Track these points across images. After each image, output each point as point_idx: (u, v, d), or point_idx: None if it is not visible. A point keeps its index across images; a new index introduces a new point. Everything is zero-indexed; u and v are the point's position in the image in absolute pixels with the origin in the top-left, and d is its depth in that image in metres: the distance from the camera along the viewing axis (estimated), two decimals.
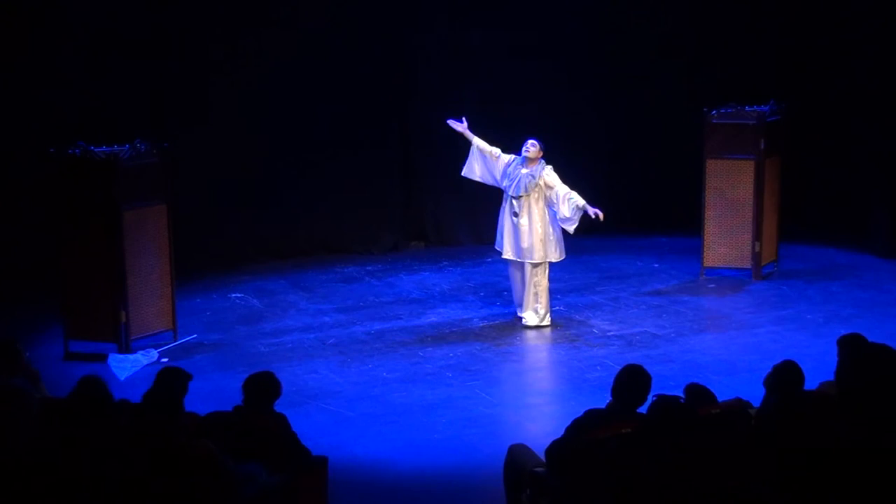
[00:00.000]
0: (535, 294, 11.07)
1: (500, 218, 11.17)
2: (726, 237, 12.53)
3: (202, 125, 12.99)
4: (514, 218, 10.95)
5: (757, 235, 12.44)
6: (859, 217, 13.94)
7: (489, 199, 14.31)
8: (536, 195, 10.89)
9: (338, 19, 13.72)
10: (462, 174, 11.38)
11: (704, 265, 12.67)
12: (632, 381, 6.17)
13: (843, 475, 5.27)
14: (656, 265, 13.36)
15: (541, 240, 10.93)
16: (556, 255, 11.06)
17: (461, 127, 11.23)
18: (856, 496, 5.23)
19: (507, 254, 11.08)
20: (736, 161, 12.42)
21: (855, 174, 14.12)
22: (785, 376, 6.24)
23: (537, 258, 10.96)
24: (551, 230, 10.98)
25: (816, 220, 14.29)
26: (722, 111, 12.45)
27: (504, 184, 11.04)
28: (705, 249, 12.63)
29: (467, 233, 14.69)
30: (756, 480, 5.42)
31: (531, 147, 10.87)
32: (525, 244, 10.93)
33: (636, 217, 14.89)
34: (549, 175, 10.87)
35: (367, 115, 13.98)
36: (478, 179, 11.32)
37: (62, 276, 10.39)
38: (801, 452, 5.45)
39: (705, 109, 12.46)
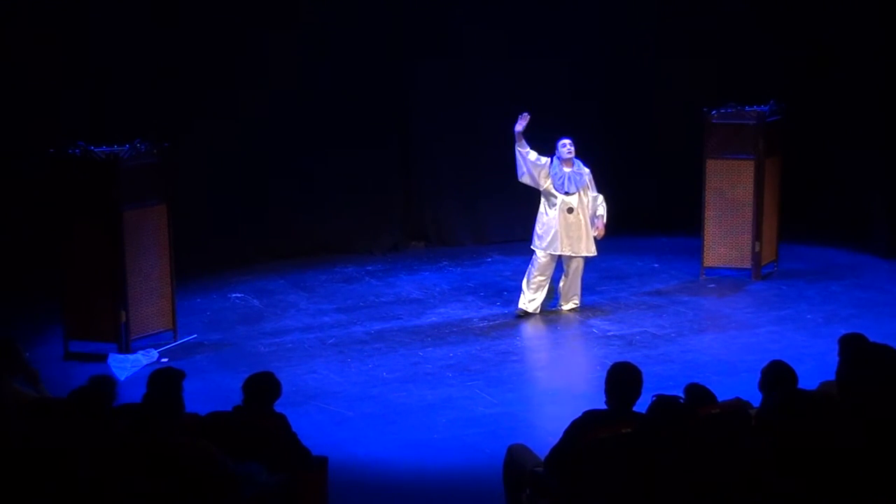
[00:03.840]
0: (576, 284, 11.48)
1: (546, 220, 11.25)
2: (726, 237, 12.53)
3: (202, 125, 12.99)
4: (569, 214, 11.16)
5: (757, 235, 12.44)
6: (859, 217, 13.94)
7: (489, 200, 14.41)
8: (583, 191, 11.23)
9: (338, 19, 13.72)
10: (519, 179, 11.39)
11: (704, 265, 12.66)
12: (621, 379, 6.17)
13: (844, 475, 5.27)
14: (656, 265, 13.36)
15: (588, 234, 11.31)
16: (595, 248, 11.40)
17: (521, 126, 11.18)
18: (856, 496, 5.23)
19: (564, 250, 11.25)
20: (736, 161, 12.42)
21: (855, 174, 14.11)
22: (776, 376, 6.28)
23: (593, 251, 11.34)
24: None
25: (816, 220, 14.28)
26: (722, 111, 12.44)
27: (549, 184, 11.21)
28: (705, 249, 12.63)
29: (467, 233, 14.70)
30: (756, 480, 5.42)
31: (572, 147, 11.18)
32: (581, 238, 11.24)
33: (636, 217, 14.89)
34: (590, 176, 11.30)
35: (368, 114, 13.97)
36: (528, 184, 11.39)
37: (62, 276, 10.39)
38: (801, 452, 5.45)
39: (705, 109, 12.45)
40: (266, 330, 11.20)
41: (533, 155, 11.23)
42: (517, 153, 11.24)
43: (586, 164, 11.32)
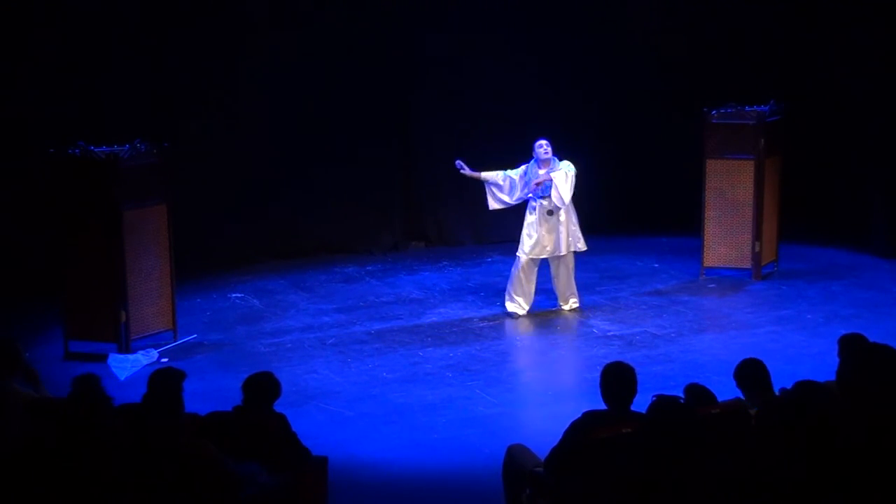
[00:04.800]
0: (571, 284, 11.46)
1: (529, 225, 11.24)
2: (726, 237, 12.53)
3: (202, 125, 12.99)
4: (549, 216, 11.12)
5: (757, 235, 12.44)
6: (859, 217, 13.94)
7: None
8: None
9: (340, 19, 13.71)
10: (490, 209, 11.56)
11: (704, 265, 12.66)
12: (615, 378, 6.18)
13: (844, 475, 5.27)
14: (656, 265, 13.36)
15: (570, 232, 11.25)
16: (583, 243, 11.34)
17: (466, 171, 11.41)
18: (856, 496, 5.23)
19: (547, 252, 11.23)
20: (736, 161, 12.42)
21: (855, 174, 14.11)
22: (751, 374, 6.37)
23: (578, 247, 11.30)
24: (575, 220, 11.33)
25: (816, 220, 14.28)
26: (722, 111, 12.44)
27: (526, 192, 11.22)
28: (705, 249, 12.63)
29: (468, 233, 14.70)
30: (756, 480, 5.42)
31: (548, 148, 11.10)
32: (564, 238, 11.19)
33: (636, 217, 14.90)
34: (568, 166, 11.11)
35: (368, 114, 13.98)
36: (506, 206, 11.46)
37: (62, 276, 10.39)
38: (802, 452, 5.45)
39: (705, 109, 12.46)
40: (266, 330, 11.20)
41: (500, 176, 11.30)
42: (485, 187, 11.36)
43: (562, 159, 11.21)
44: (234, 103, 13.26)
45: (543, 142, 11.15)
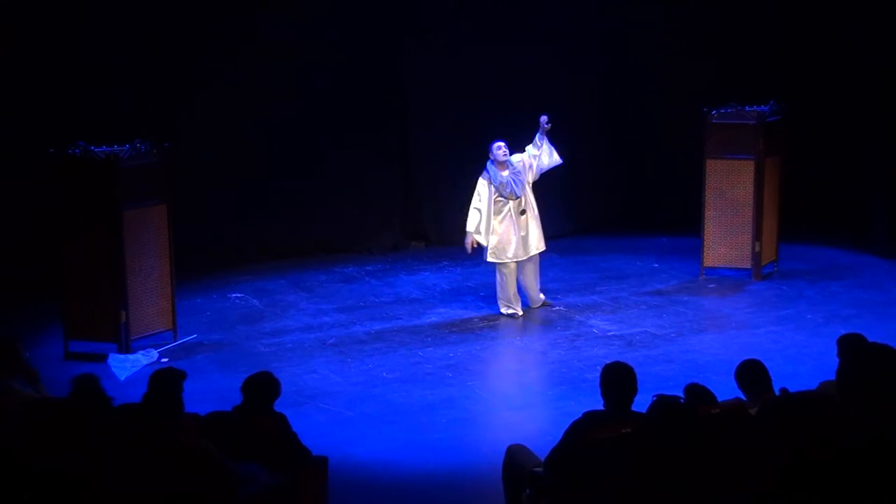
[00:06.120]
0: (538, 280, 11.51)
1: (503, 231, 11.25)
2: (726, 237, 12.53)
3: (202, 125, 12.99)
4: (521, 216, 11.17)
5: (757, 235, 12.45)
6: (859, 217, 13.94)
7: None
8: (528, 189, 11.26)
9: (338, 20, 13.72)
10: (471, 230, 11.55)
11: (704, 265, 12.67)
12: (615, 378, 6.19)
13: (844, 476, 5.27)
14: (656, 265, 13.36)
15: (539, 227, 11.30)
16: (543, 243, 11.41)
17: (471, 242, 11.42)
18: (856, 497, 5.22)
19: (522, 255, 11.24)
20: (736, 161, 12.42)
21: (855, 174, 14.12)
22: (751, 375, 6.36)
23: (543, 246, 11.36)
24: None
25: (816, 220, 14.29)
26: (722, 111, 12.44)
27: (497, 198, 11.23)
28: (705, 249, 12.63)
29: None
30: (756, 481, 5.42)
31: (507, 150, 11.18)
32: (534, 235, 11.25)
33: (636, 217, 14.91)
34: (519, 159, 11.19)
35: (368, 114, 13.98)
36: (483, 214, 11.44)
37: (62, 276, 10.39)
38: (802, 453, 5.45)
39: (705, 109, 12.46)
40: (266, 330, 11.21)
41: (477, 214, 11.26)
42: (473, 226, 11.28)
43: (514, 153, 11.26)
44: (235, 103, 13.26)
45: (502, 143, 11.23)
